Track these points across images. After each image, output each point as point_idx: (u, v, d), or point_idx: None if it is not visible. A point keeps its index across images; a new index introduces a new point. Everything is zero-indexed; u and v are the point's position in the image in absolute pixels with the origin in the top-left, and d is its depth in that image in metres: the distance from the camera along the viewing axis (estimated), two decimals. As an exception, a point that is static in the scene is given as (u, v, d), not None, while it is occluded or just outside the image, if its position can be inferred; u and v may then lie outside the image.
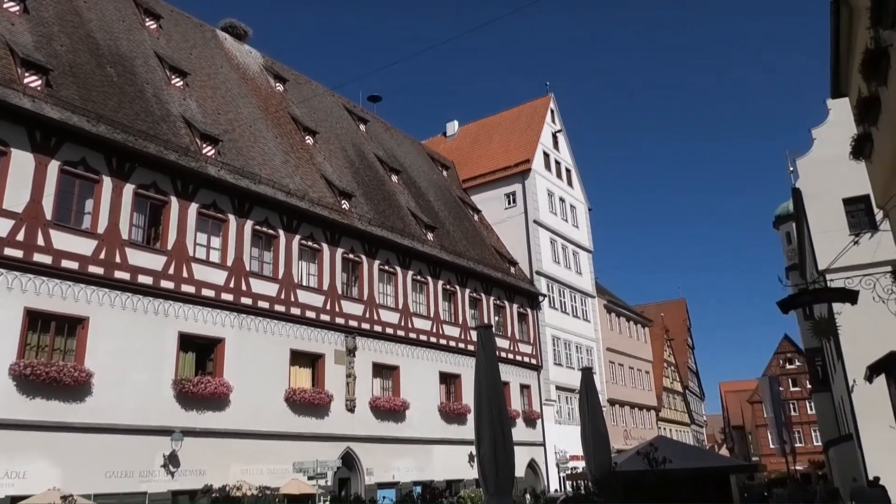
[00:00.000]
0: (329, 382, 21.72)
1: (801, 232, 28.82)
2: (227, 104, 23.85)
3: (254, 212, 20.70)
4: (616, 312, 46.92)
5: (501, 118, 43.04)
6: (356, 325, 23.28)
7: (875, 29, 9.58)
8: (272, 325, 20.42)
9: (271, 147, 23.93)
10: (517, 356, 32.05)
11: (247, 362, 19.32)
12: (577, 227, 41.01)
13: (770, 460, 67.55)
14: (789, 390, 66.09)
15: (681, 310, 74.73)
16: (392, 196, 29.27)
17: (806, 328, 29.60)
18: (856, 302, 11.84)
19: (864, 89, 11.66)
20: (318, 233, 22.80)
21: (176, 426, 17.00)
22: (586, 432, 13.89)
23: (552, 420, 33.46)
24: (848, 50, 12.60)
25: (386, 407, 23.39)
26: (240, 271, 19.78)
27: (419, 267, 27.12)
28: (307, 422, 20.64)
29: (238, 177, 20.29)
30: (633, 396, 46.90)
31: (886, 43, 9.37)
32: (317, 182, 24.51)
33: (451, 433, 26.18)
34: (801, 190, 24.21)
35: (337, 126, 30.62)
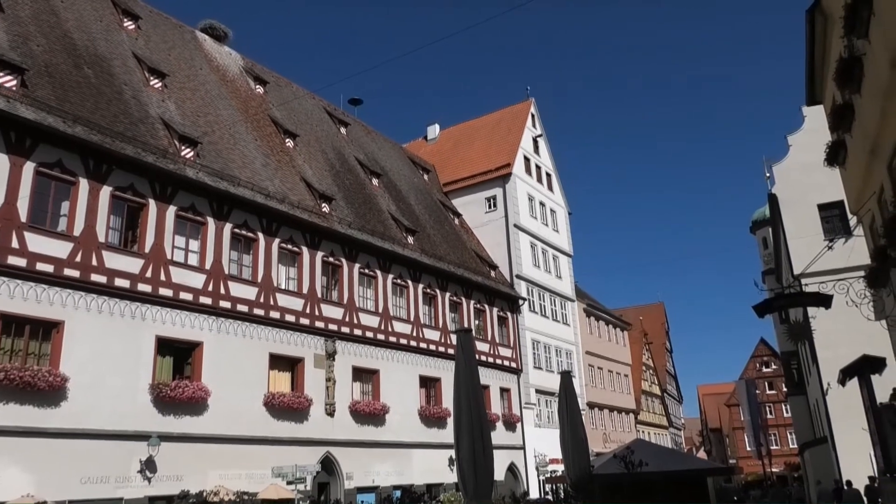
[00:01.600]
0: (308, 386, 21.62)
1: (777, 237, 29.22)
2: (206, 106, 23.68)
3: (233, 214, 20.56)
4: (595, 316, 47.19)
5: (482, 122, 43.15)
6: (336, 329, 23.21)
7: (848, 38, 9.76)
8: (251, 329, 20.28)
9: (251, 149, 23.80)
10: (497, 360, 32.10)
11: (225, 366, 19.17)
12: (557, 231, 41.20)
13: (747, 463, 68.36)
14: (765, 393, 66.87)
15: (659, 313, 75.34)
16: (372, 199, 29.22)
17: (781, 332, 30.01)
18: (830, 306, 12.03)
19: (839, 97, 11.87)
20: (297, 236, 22.70)
21: (153, 431, 16.81)
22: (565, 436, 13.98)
23: (532, 423, 33.54)
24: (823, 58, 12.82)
25: (366, 411, 23.32)
26: (218, 274, 19.63)
27: (399, 271, 27.09)
28: (286, 426, 20.52)
29: (217, 179, 20.16)
30: (611, 400, 47.16)
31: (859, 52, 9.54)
32: (297, 185, 24.41)
33: (430, 437, 26.15)
34: (777, 195, 24.56)
35: (317, 129, 30.52)
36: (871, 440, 12.04)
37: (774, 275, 34.60)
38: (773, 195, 24.94)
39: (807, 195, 23.22)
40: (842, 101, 11.56)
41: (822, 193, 22.51)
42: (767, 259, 36.87)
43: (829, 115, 12.76)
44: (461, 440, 9.63)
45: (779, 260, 31.35)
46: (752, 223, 39.01)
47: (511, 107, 42.90)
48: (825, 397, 22.07)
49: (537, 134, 41.87)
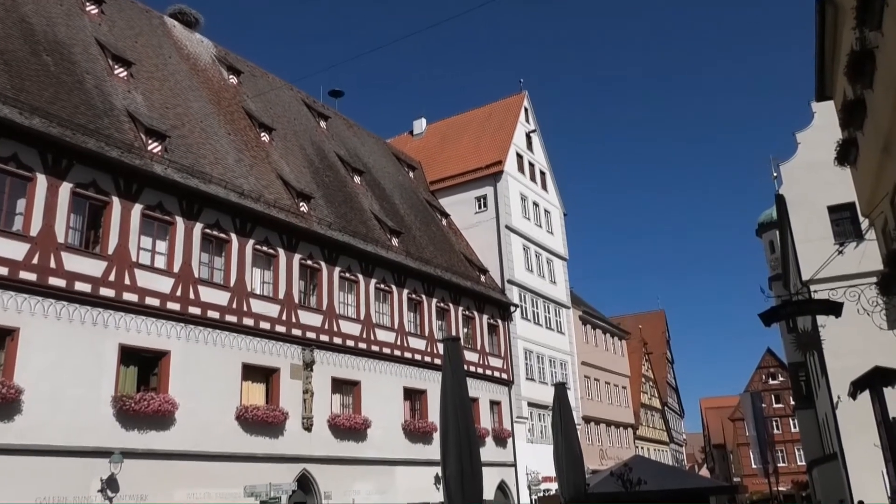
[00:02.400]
0: (284, 399, 21.56)
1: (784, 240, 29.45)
2: (175, 97, 23.59)
3: (204, 214, 20.48)
4: (592, 324, 47.34)
5: (472, 116, 43.22)
6: (314, 338, 23.15)
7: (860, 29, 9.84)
8: (223, 337, 20.21)
9: (223, 144, 23.73)
10: (487, 370, 32.13)
11: (194, 377, 19.08)
12: (552, 234, 41.32)
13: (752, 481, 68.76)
14: (772, 407, 67.31)
15: (660, 322, 75.70)
16: (354, 198, 29.19)
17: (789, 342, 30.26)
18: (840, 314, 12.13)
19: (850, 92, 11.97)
20: (273, 237, 22.65)
21: (115, 447, 16.67)
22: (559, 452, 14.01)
23: (524, 439, 33.55)
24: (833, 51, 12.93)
25: (346, 425, 23.28)
26: (188, 278, 19.54)
27: (383, 275, 27.09)
28: (260, 441, 20.44)
29: (187, 176, 20.07)
30: (609, 413, 47.30)
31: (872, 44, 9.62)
32: (273, 182, 24.35)
33: (415, 453, 26.13)
34: (785, 196, 24.75)
35: (295, 122, 30.47)
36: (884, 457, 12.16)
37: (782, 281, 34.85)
38: (780, 196, 25.13)
39: (816, 196, 23.40)
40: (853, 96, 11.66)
41: (832, 194, 22.69)
42: (774, 264, 37.12)
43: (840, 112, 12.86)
44: (448, 457, 9.63)
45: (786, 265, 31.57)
46: (759, 226, 39.28)
47: (503, 100, 42.99)
48: (835, 411, 22.23)
49: (531, 129, 41.98)
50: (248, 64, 30.88)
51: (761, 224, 39.00)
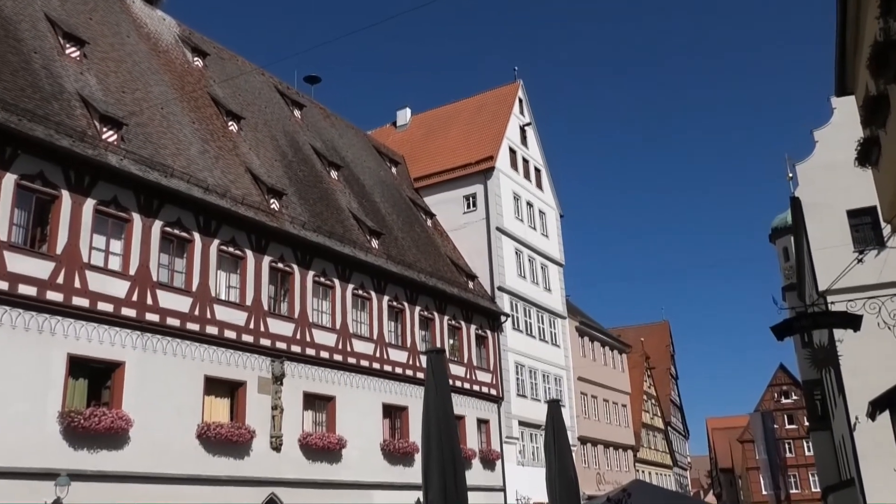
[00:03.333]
0: (251, 416, 21.48)
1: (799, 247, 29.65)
2: (133, 80, 23.47)
3: (164, 210, 20.38)
4: (590, 336, 47.48)
5: (461, 107, 43.28)
6: (285, 348, 23.09)
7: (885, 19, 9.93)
8: (183, 347, 20.10)
9: (187, 134, 23.63)
10: (474, 386, 32.13)
11: (152, 391, 18.97)
12: (547, 237, 41.41)
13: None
14: (784, 428, 67.75)
15: (663, 334, 76.10)
16: (331, 195, 29.15)
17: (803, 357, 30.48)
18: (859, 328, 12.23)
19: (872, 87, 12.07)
20: (241, 237, 22.57)
21: (62, 468, 16.52)
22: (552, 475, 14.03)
23: (514, 461, 33.57)
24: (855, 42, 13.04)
25: (319, 445, 23.22)
26: (145, 282, 19.43)
27: (361, 280, 27.06)
28: (224, 462, 20.34)
29: (146, 168, 19.96)
30: (607, 434, 47.44)
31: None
32: (241, 177, 24.28)
33: (395, 476, 26.10)
34: (801, 199, 24.96)
35: (266, 111, 30.41)
36: (905, 483, 12.22)
37: (796, 291, 35.13)
38: (795, 199, 25.33)
39: (834, 199, 23.61)
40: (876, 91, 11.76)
41: (851, 197, 22.91)
42: (788, 272, 37.42)
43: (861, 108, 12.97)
44: (431, 480, 9.64)
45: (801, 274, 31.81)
46: (772, 230, 39.60)
47: (495, 90, 43.09)
48: (852, 433, 22.41)
49: (525, 122, 42.08)
50: (215, 45, 30.76)
51: (775, 229, 39.32)
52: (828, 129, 24.80)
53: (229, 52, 31.59)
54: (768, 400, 69.60)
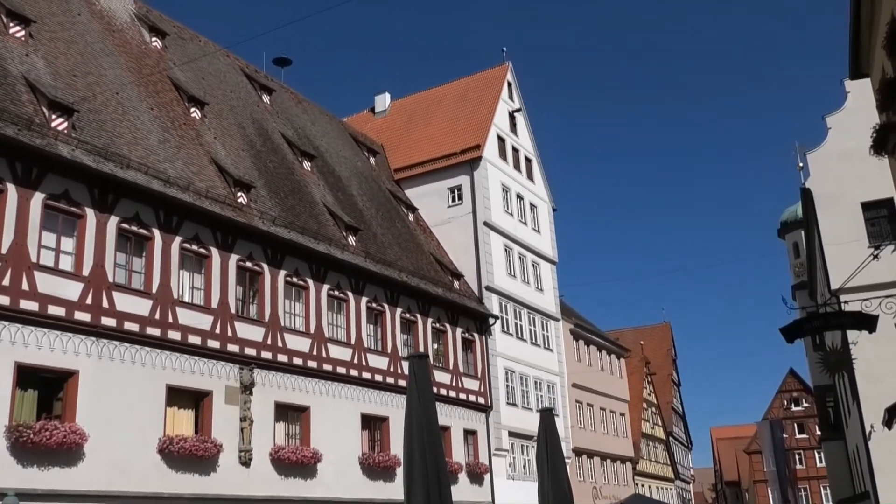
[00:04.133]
0: (218, 428, 21.42)
1: (811, 242, 29.88)
2: (85, 63, 23.31)
3: (120, 205, 20.25)
4: (585, 339, 47.64)
5: (445, 92, 43.31)
6: (254, 355, 23.04)
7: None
8: (143, 354, 20.02)
9: (145, 121, 23.51)
10: (460, 394, 32.19)
11: (108, 403, 18.86)
12: (539, 232, 41.50)
13: (771, 524, 69.72)
14: (794, 438, 68.35)
15: (665, 337, 76.54)
16: (303, 188, 29.11)
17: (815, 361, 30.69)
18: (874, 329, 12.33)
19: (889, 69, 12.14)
20: (205, 234, 22.49)
21: (10, 487, 16.35)
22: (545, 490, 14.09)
23: (503, 475, 33.65)
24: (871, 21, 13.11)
25: (292, 459, 23.20)
26: (100, 283, 19.30)
27: (337, 279, 27.03)
28: (188, 479, 20.26)
29: (100, 159, 19.83)
30: (604, 445, 47.62)
31: (915, 13, 9.77)
32: (205, 168, 24.19)
33: (375, 492, 26.11)
34: (812, 190, 25.14)
35: (232, 96, 30.32)
36: (925, 496, 12.34)
37: (807, 290, 35.40)
38: (806, 190, 25.52)
39: (848, 191, 23.80)
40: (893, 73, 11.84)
41: (867, 189, 23.09)
42: (799, 270, 37.68)
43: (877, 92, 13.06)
44: (414, 496, 9.70)
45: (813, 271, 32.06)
46: (781, 225, 39.85)
47: (482, 72, 43.16)
48: (867, 443, 22.61)
49: (515, 108, 42.15)
50: (175, 24, 30.62)
51: (784, 223, 39.57)
52: (841, 114, 24.98)
53: (191, 32, 31.44)
54: (777, 407, 70.17)
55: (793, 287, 38.45)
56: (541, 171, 43.47)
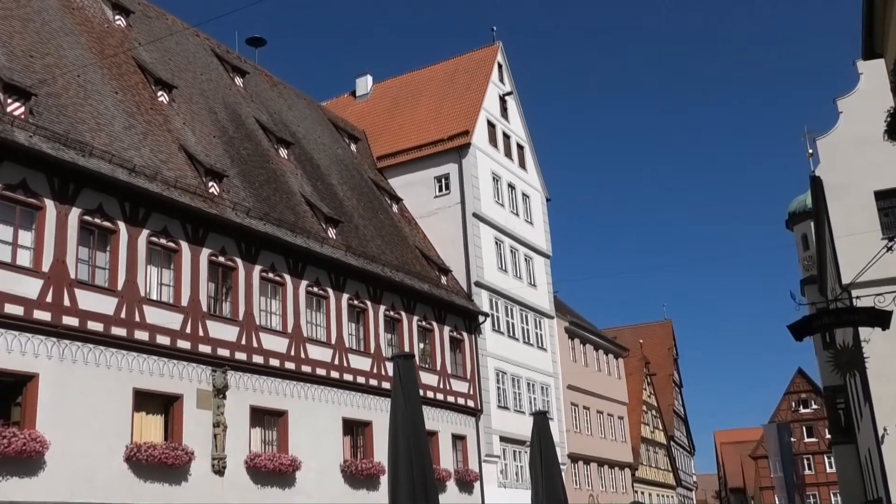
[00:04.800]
0: (189, 435, 21.39)
1: (820, 234, 30.00)
2: (43, 43, 23.16)
3: (82, 196, 20.17)
4: (581, 338, 47.77)
5: (431, 74, 43.27)
6: (227, 356, 23.03)
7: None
8: (108, 356, 19.95)
9: (108, 106, 23.41)
10: (449, 397, 32.24)
11: (71, 408, 18.80)
12: (531, 224, 41.54)
13: (778, 533, 70.22)
14: (803, 442, 68.87)
15: (666, 335, 76.85)
16: (280, 177, 29.06)
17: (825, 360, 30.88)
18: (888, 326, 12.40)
19: (904, 49, 12.17)
20: (174, 226, 22.44)
21: (-35, 499, 16.36)
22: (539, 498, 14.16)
23: (495, 482, 33.73)
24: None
25: (269, 467, 23.20)
26: (61, 280, 19.22)
27: (317, 275, 27.02)
28: (157, 489, 20.23)
29: (60, 147, 19.73)
30: (601, 450, 47.80)
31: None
32: (174, 156, 24.11)
33: (357, 501, 26.16)
34: (822, 179, 25.24)
35: (203, 79, 30.22)
36: (941, 503, 12.43)
37: (817, 284, 35.58)
38: (816, 178, 25.62)
39: (861, 179, 23.89)
40: (908, 54, 11.87)
41: (880, 177, 23.21)
42: (808, 263, 37.87)
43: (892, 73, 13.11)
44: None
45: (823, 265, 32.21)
46: (789, 215, 40.03)
47: (471, 53, 43.11)
48: (880, 446, 22.76)
49: (506, 91, 42.15)
50: (141, 1, 30.48)
51: (792, 214, 39.74)
52: (853, 97, 25.06)
53: (157, 9, 31.32)
54: (785, 410, 70.67)
55: (801, 282, 38.64)
56: (534, 159, 43.50)
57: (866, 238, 21.63)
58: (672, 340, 78.00)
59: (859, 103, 24.08)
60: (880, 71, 16.41)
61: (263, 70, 36.27)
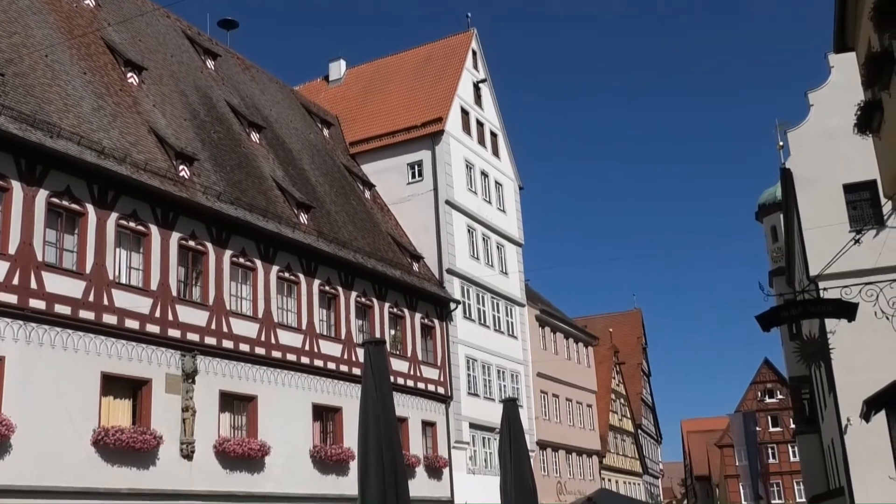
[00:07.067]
0: (157, 419, 21.32)
1: (789, 226, 30.30)
2: (10, 22, 22.83)
3: (50, 178, 19.96)
4: (551, 326, 47.94)
5: (405, 59, 43.13)
6: (197, 340, 22.96)
7: (891, -35, 10.08)
8: (75, 339, 19.83)
9: (77, 86, 23.15)
10: (419, 383, 32.32)
11: (37, 391, 18.68)
12: (504, 212, 41.58)
13: (741, 520, 71.08)
14: (768, 431, 69.68)
15: (635, 324, 77.32)
16: (251, 161, 28.92)
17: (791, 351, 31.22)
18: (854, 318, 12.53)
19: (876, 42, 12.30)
20: (144, 210, 22.27)
21: (-72, 482, 16.19)
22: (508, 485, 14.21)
23: (464, 469, 33.87)
24: (857, -10, 13.23)
25: (238, 452, 23.19)
26: (28, 262, 19.03)
27: (288, 260, 26.94)
28: (125, 473, 20.18)
29: (27, 127, 19.48)
30: (570, 437, 48.07)
31: (905, -17, 9.88)
32: (143, 138, 23.92)
33: (327, 487, 26.19)
34: (792, 171, 25.43)
35: (173, 60, 29.96)
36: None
37: (785, 276, 35.93)
38: (786, 170, 25.81)
39: (830, 172, 24.09)
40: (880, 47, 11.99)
41: (849, 170, 23.39)
42: (776, 255, 38.21)
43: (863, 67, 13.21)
44: (368, 491, 9.76)
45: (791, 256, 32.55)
46: (759, 207, 40.32)
47: (445, 39, 42.99)
48: (843, 436, 23.06)
49: (480, 79, 42.09)
50: (112, -19, 30.07)
51: (762, 205, 40.04)
52: (824, 90, 25.20)
53: (129, -11, 30.92)
54: (751, 399, 71.43)
55: (770, 273, 38.98)
56: (507, 147, 43.51)
57: (834, 230, 21.82)
58: (641, 329, 78.50)
59: (830, 96, 24.23)
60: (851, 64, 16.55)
61: (235, 53, 36.02)
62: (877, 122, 13.08)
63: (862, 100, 13.40)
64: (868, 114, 13.08)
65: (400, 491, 9.80)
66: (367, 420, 10.08)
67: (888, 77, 11.72)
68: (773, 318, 13.47)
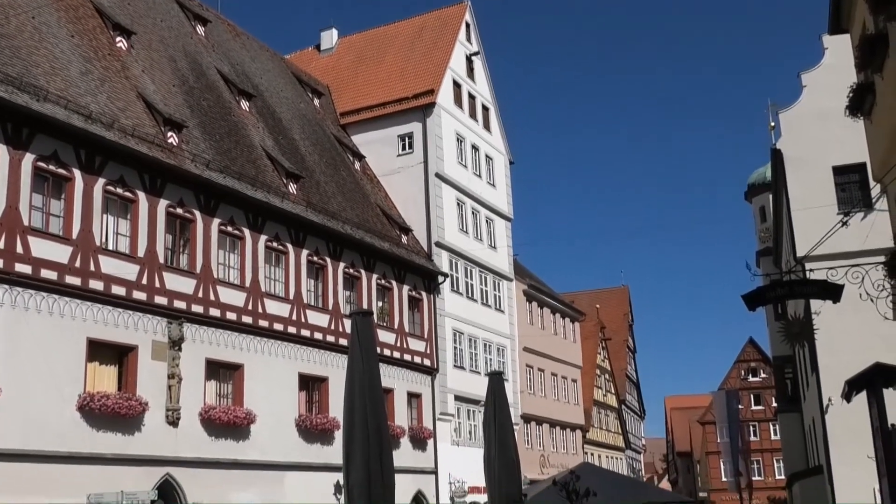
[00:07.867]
0: (143, 386, 21.35)
1: (778, 207, 30.39)
2: (-1, -18, 22.55)
3: (36, 141, 19.80)
4: (539, 301, 48.11)
5: (397, 30, 42.89)
6: (184, 308, 22.96)
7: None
8: (61, 305, 19.78)
9: (64, 50, 22.94)
10: (405, 355, 32.45)
11: (23, 357, 18.68)
12: (494, 186, 41.56)
13: (721, 497, 71.88)
14: (750, 409, 70.16)
15: (622, 301, 77.67)
16: (241, 130, 28.80)
17: (776, 331, 31.46)
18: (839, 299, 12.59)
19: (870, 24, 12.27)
20: (131, 176, 22.15)
21: (-89, 445, 16.18)
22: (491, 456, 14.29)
23: (448, 440, 34.10)
24: (852, -28, 13.18)
25: (223, 419, 23.28)
26: (14, 227, 18.93)
27: (276, 230, 26.90)
28: (110, 439, 20.25)
29: (13, 90, 19.31)
30: (554, 411, 48.42)
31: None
32: (132, 104, 23.77)
33: (311, 455, 26.34)
34: (783, 152, 25.44)
35: (163, 25, 29.70)
36: (878, 471, 12.75)
37: (772, 256, 36.10)
38: (777, 151, 25.83)
39: (821, 153, 24.11)
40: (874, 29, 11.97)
41: (840, 152, 23.40)
42: (764, 235, 38.37)
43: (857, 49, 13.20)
44: (353, 460, 9.80)
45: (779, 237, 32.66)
46: (749, 187, 40.44)
47: (438, 10, 42.77)
48: (824, 416, 23.28)
49: (473, 51, 41.89)
50: (102, -57, 29.71)
51: (752, 185, 40.15)
52: (818, 71, 25.15)
53: (120, -48, 30.57)
54: (734, 378, 71.89)
55: (757, 253, 39.18)
56: (498, 121, 43.41)
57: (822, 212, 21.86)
58: (628, 306, 78.86)
59: (823, 78, 24.18)
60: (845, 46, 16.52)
61: (226, 19, 35.71)
62: (868, 104, 13.07)
63: (855, 82, 13.37)
64: (860, 96, 13.07)
65: (384, 461, 9.85)
66: (353, 390, 10.11)
67: (881, 60, 11.71)
68: (759, 297, 13.52)
